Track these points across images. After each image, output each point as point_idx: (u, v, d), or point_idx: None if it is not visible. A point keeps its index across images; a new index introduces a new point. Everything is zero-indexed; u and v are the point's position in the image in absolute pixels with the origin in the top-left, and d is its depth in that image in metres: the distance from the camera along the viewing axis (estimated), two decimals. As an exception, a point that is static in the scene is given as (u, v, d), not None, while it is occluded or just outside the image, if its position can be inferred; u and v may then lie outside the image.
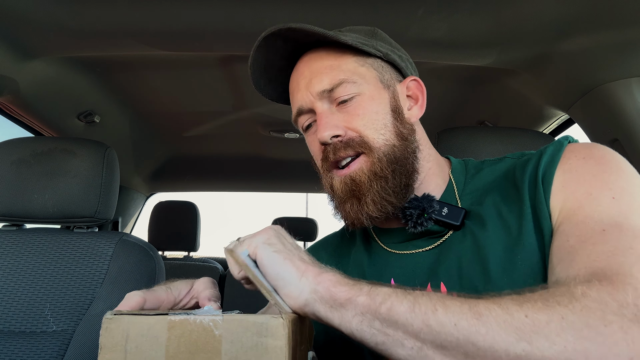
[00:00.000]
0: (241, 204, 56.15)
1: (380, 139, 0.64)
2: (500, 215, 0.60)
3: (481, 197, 0.64)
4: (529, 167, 0.60)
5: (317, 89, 0.65)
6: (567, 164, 0.57)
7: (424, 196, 0.64)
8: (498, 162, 0.68)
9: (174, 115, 1.75)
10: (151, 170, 2.28)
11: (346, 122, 0.64)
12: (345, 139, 0.64)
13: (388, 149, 0.63)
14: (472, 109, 1.57)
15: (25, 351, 0.94)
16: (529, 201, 0.58)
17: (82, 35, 1.08)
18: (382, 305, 0.43)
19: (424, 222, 0.63)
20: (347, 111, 0.65)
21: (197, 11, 0.99)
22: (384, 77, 0.68)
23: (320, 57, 0.67)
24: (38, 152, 1.08)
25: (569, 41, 1.04)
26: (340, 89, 0.64)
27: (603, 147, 0.57)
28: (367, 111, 0.64)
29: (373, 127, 0.64)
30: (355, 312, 0.44)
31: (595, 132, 1.20)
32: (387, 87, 0.68)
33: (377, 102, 0.65)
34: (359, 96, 0.65)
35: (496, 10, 0.98)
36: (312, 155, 0.73)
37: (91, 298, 1.01)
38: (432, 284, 0.61)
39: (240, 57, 1.26)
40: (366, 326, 0.43)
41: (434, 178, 0.69)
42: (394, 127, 0.65)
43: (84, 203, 1.07)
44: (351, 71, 0.65)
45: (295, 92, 0.69)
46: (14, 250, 1.06)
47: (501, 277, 0.55)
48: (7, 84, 1.21)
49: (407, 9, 0.98)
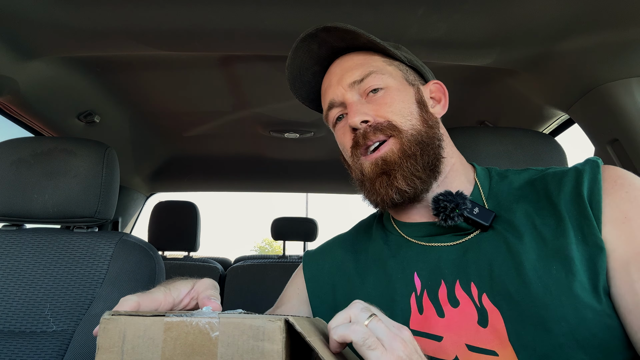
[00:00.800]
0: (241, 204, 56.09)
1: (407, 124, 0.68)
2: (534, 226, 0.61)
3: (510, 204, 0.66)
4: (566, 183, 0.62)
5: (348, 81, 0.71)
6: (623, 192, 0.58)
7: (458, 193, 0.66)
8: (522, 172, 0.71)
9: (174, 115, 1.75)
10: (151, 170, 2.28)
11: (375, 111, 0.68)
12: (374, 124, 0.68)
13: (415, 132, 0.67)
14: (472, 109, 1.57)
15: (25, 351, 0.94)
16: (569, 217, 0.59)
17: (82, 35, 1.08)
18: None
19: (455, 217, 0.64)
20: (376, 101, 0.69)
21: (197, 11, 0.99)
22: (408, 77, 0.74)
23: (350, 58, 0.74)
24: (38, 152, 1.08)
25: (569, 41, 1.05)
26: (370, 79, 0.70)
27: (631, 174, 0.60)
28: (394, 100, 0.69)
29: (400, 113, 0.68)
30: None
31: (595, 132, 1.20)
32: (412, 85, 0.73)
33: (403, 94, 0.70)
34: (387, 88, 0.70)
35: (496, 10, 0.98)
36: (340, 151, 0.77)
37: (91, 298, 1.01)
38: (461, 283, 0.62)
39: (240, 57, 1.26)
40: None
41: (458, 175, 0.72)
42: (419, 116, 0.70)
43: (83, 203, 1.07)
44: (379, 67, 0.72)
45: (327, 89, 0.75)
46: (14, 250, 1.06)
47: (536, 283, 0.56)
48: (7, 84, 1.21)
49: (407, 9, 0.98)
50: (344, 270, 0.75)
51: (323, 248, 0.84)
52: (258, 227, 42.72)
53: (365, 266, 0.73)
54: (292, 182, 2.57)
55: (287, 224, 2.72)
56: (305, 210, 19.64)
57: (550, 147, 1.06)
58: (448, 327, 0.60)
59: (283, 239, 2.70)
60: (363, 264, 0.74)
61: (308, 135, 1.89)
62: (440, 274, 0.64)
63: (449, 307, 0.61)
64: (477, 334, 0.58)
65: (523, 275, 0.57)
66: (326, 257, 0.80)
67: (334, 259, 0.78)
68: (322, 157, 2.23)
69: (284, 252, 2.72)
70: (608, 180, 0.60)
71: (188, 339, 0.39)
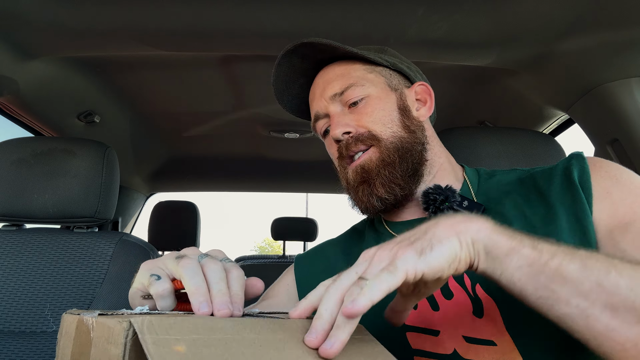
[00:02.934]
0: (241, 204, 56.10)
1: (388, 131, 0.69)
2: (524, 215, 0.62)
3: (500, 197, 0.67)
4: (555, 175, 0.64)
5: (329, 94, 0.73)
6: (603, 171, 0.61)
7: (447, 187, 0.68)
8: (510, 172, 0.72)
9: (174, 115, 1.75)
10: (151, 170, 2.27)
11: (356, 121, 0.70)
12: (355, 135, 0.70)
13: (395, 139, 0.69)
14: (472, 109, 1.57)
15: (25, 351, 0.94)
16: (562, 206, 0.60)
17: (82, 35, 1.08)
18: (550, 260, 0.42)
19: (444, 210, 0.66)
20: (357, 111, 0.71)
21: (197, 11, 0.99)
22: (391, 82, 0.74)
23: (332, 69, 0.76)
24: (38, 152, 1.08)
25: (569, 41, 1.04)
26: (350, 92, 0.71)
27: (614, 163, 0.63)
28: (375, 109, 0.70)
29: (380, 122, 0.70)
30: (520, 263, 0.42)
31: (595, 132, 1.20)
32: (395, 90, 0.74)
33: (384, 101, 0.72)
34: (368, 97, 0.71)
35: (496, 10, 0.98)
36: (332, 159, 0.79)
37: (91, 298, 1.01)
38: (453, 274, 0.62)
39: (240, 57, 1.26)
40: (531, 279, 0.42)
41: (446, 174, 0.73)
42: (400, 122, 0.71)
43: (83, 203, 1.07)
44: (360, 77, 0.73)
45: (312, 101, 0.78)
46: (14, 250, 1.06)
47: None
48: (7, 84, 1.21)
49: (407, 9, 0.98)
50: (335, 272, 0.75)
51: (315, 251, 0.84)
52: (258, 227, 42.71)
53: None
54: (292, 182, 2.57)
55: (287, 224, 2.72)
56: (305, 210, 19.64)
57: (550, 147, 1.06)
58: (444, 320, 0.60)
59: (283, 239, 2.70)
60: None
61: (308, 135, 1.89)
62: None
63: (442, 299, 0.61)
64: (473, 324, 0.58)
65: None
66: (317, 260, 0.80)
67: (325, 261, 0.79)
68: (322, 157, 2.21)
69: (284, 252, 2.72)
70: (591, 167, 0.62)
71: (82, 338, 0.39)
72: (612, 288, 0.40)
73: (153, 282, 0.44)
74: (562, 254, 0.42)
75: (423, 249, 0.41)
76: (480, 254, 0.44)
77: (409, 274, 0.39)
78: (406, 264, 0.39)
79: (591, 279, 0.40)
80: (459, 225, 0.44)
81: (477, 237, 0.43)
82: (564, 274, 0.41)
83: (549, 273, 0.41)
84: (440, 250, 0.42)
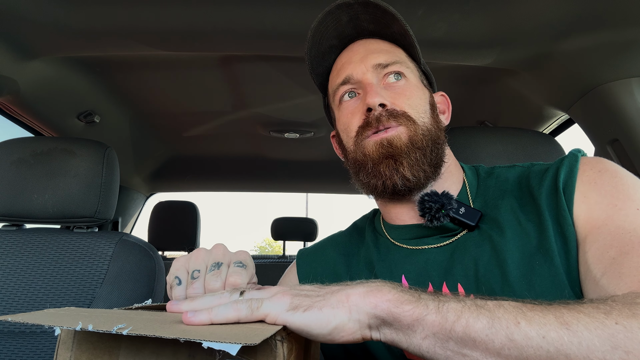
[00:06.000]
0: (241, 204, 56.02)
1: (421, 120, 0.68)
2: (518, 222, 0.62)
3: (496, 201, 0.66)
4: (546, 178, 0.63)
5: (372, 62, 0.70)
6: (585, 175, 0.59)
7: (444, 193, 0.66)
8: (509, 169, 0.71)
9: (173, 115, 1.75)
10: (151, 170, 2.28)
11: (392, 98, 0.68)
12: (390, 110, 0.67)
13: (426, 129, 0.68)
14: (472, 109, 1.57)
15: (25, 351, 0.94)
16: (548, 211, 0.59)
17: (82, 35, 1.08)
18: (455, 323, 0.40)
19: (441, 217, 0.64)
20: (395, 90, 0.69)
21: (197, 11, 0.99)
22: (423, 80, 0.75)
23: (377, 42, 0.74)
24: (38, 152, 1.08)
25: (569, 41, 1.04)
26: (395, 66, 0.70)
27: (612, 162, 0.61)
28: (413, 95, 0.69)
29: (416, 109, 0.68)
30: (426, 333, 0.41)
31: (595, 132, 1.20)
32: (426, 87, 0.74)
33: (420, 92, 0.71)
34: (407, 81, 0.70)
35: (496, 10, 0.98)
36: (340, 130, 0.74)
37: (91, 298, 1.01)
38: (448, 284, 0.62)
39: (240, 57, 1.26)
40: (439, 348, 0.40)
41: (450, 177, 0.72)
42: (432, 116, 0.70)
43: (83, 203, 1.07)
44: (404, 59, 0.73)
45: (347, 64, 0.73)
46: (14, 250, 1.06)
47: (519, 281, 0.56)
48: (7, 84, 1.21)
49: (407, 9, 0.97)
50: (335, 273, 0.75)
51: (316, 248, 0.84)
52: (258, 227, 42.67)
53: (357, 270, 0.73)
54: (292, 182, 2.57)
55: (287, 224, 2.72)
56: (305, 210, 19.64)
57: (550, 147, 1.06)
58: None
59: (283, 239, 2.70)
60: (355, 267, 0.74)
61: (308, 135, 1.89)
62: (428, 276, 0.64)
63: None
64: None
65: (507, 274, 0.57)
66: (319, 259, 0.80)
67: (326, 261, 0.79)
68: (322, 157, 2.23)
69: (284, 252, 2.72)
70: (580, 168, 0.61)
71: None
72: (522, 341, 0.38)
73: (174, 286, 0.52)
74: (468, 312, 0.40)
75: (298, 306, 0.42)
76: (381, 328, 0.43)
77: (268, 318, 0.41)
78: (270, 310, 0.42)
79: (500, 335, 0.39)
80: (355, 298, 0.43)
81: (374, 312, 0.42)
82: (472, 335, 0.39)
83: (457, 338, 0.40)
84: (315, 315, 0.41)
